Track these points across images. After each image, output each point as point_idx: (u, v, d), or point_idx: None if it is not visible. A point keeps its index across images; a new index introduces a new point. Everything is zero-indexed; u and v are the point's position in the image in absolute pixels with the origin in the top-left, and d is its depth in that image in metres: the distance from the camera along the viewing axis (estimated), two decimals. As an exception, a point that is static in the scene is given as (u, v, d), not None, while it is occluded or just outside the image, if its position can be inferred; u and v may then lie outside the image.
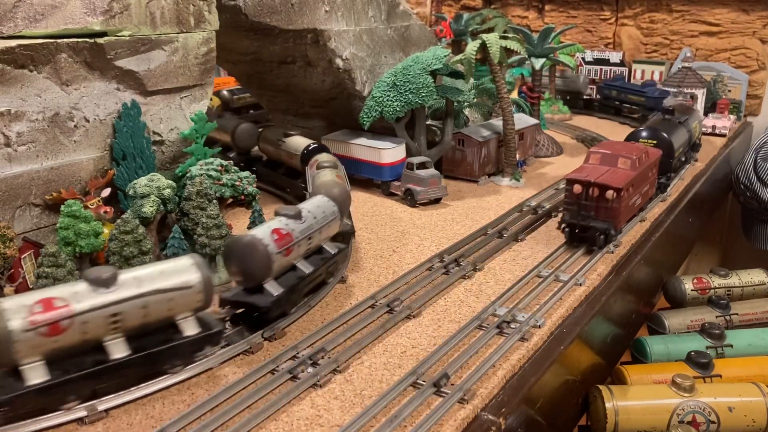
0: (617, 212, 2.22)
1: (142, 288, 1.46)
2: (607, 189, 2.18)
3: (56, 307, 1.36)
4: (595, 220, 2.22)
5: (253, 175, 2.33)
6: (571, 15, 5.21)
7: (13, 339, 1.30)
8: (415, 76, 2.82)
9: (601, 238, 2.23)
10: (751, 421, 2.10)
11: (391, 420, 1.37)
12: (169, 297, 1.50)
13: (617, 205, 2.20)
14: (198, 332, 1.55)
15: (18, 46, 1.82)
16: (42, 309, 1.34)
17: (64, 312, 1.36)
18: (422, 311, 1.89)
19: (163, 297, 1.49)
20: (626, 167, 2.33)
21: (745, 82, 4.57)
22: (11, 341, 1.30)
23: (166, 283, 1.50)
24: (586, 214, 2.22)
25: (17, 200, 1.89)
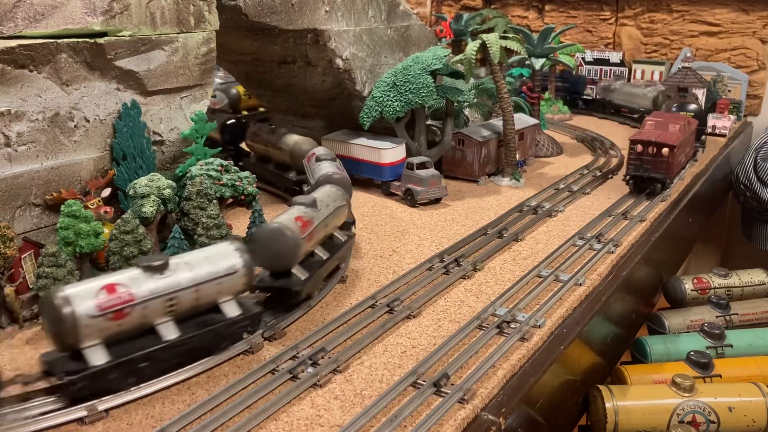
0: (671, 166, 2.79)
1: (195, 273, 1.54)
2: (664, 147, 2.75)
3: (120, 293, 1.43)
4: (653, 172, 2.79)
5: (254, 175, 2.34)
6: (571, 15, 5.21)
7: (81, 324, 1.37)
8: (415, 76, 2.82)
9: (658, 186, 2.82)
10: (751, 421, 2.10)
11: (391, 420, 1.37)
12: (218, 282, 1.58)
13: (671, 160, 2.77)
14: (240, 314, 1.62)
15: (18, 46, 1.82)
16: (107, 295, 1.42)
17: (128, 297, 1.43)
18: (422, 311, 1.89)
19: (214, 282, 1.57)
20: (676, 131, 2.91)
21: (745, 82, 4.57)
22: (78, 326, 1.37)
23: (215, 268, 1.58)
24: (646, 168, 2.79)
25: (17, 200, 1.89)
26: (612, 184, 3.14)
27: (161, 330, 1.50)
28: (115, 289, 1.42)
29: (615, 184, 3.12)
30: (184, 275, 1.52)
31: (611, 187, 3.08)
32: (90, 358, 1.40)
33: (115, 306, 1.41)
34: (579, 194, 2.96)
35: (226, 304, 1.62)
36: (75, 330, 1.37)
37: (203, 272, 1.56)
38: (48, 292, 1.42)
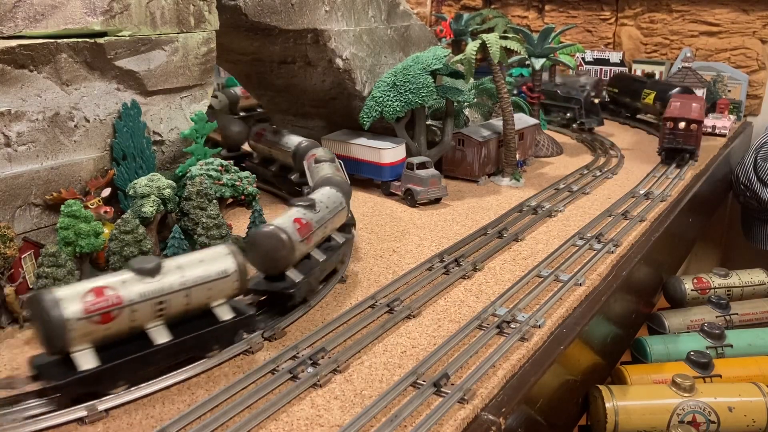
0: (698, 138, 3.33)
1: (186, 277, 1.53)
2: (693, 122, 3.28)
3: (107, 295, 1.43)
4: (684, 144, 3.32)
5: (254, 175, 2.33)
6: (571, 15, 5.21)
7: (68, 327, 1.37)
8: (415, 76, 2.82)
9: (687, 156, 3.34)
10: (751, 421, 2.10)
11: (391, 420, 1.37)
12: (210, 285, 1.57)
13: (699, 133, 3.31)
14: (232, 317, 1.62)
15: (18, 46, 1.82)
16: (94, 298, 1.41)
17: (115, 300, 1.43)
18: (422, 311, 1.89)
19: (205, 285, 1.56)
20: (698, 109, 3.37)
21: (745, 82, 4.57)
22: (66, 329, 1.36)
23: (207, 271, 1.57)
24: (678, 141, 3.32)
25: (17, 200, 1.89)
26: (613, 183, 3.14)
27: (152, 333, 1.50)
28: (102, 291, 1.41)
29: (616, 184, 3.12)
30: (175, 278, 1.51)
31: (611, 187, 3.08)
32: (79, 362, 1.39)
33: (102, 309, 1.40)
34: (579, 194, 2.96)
35: (219, 308, 1.61)
36: (62, 333, 1.36)
37: (194, 275, 1.55)
38: (35, 295, 1.40)
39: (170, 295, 1.50)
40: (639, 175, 3.24)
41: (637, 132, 4.20)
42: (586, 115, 4.10)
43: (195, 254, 1.62)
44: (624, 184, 3.12)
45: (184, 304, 1.54)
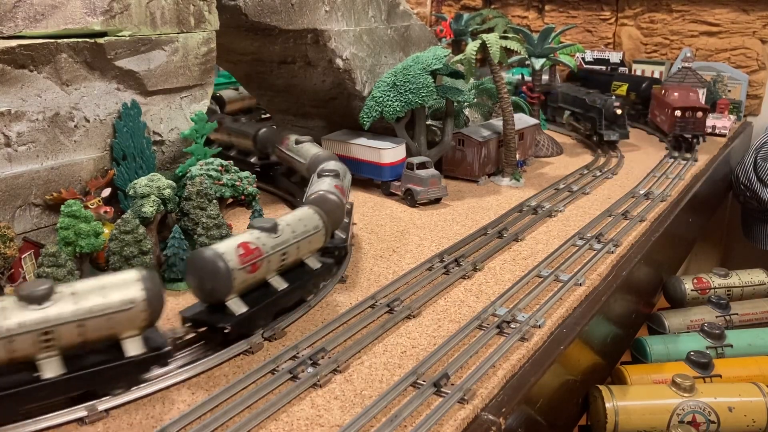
0: (704, 124, 3.72)
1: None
2: (699, 110, 3.66)
3: (252, 249, 1.60)
4: (694, 130, 3.66)
5: (254, 175, 2.33)
6: (571, 15, 5.21)
7: (233, 276, 1.53)
8: (415, 76, 2.82)
9: (695, 141, 3.66)
10: (751, 421, 2.10)
11: (391, 420, 1.37)
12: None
13: (704, 120, 3.71)
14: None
15: (18, 46, 1.82)
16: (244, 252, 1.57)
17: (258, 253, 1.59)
18: (422, 311, 1.89)
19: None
20: (697, 98, 3.80)
21: (745, 82, 4.57)
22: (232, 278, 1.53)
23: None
24: (689, 128, 3.66)
25: (17, 200, 1.89)
26: (613, 183, 3.14)
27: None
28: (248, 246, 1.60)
29: (616, 184, 3.12)
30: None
31: (611, 187, 3.08)
32: (233, 308, 1.59)
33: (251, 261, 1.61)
34: (579, 194, 2.96)
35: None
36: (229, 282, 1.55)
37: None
38: (198, 251, 1.58)
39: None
40: (639, 175, 3.24)
41: (637, 132, 4.20)
42: (606, 127, 3.73)
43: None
44: (624, 184, 3.12)
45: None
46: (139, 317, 1.44)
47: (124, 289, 1.42)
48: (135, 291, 1.43)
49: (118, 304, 1.40)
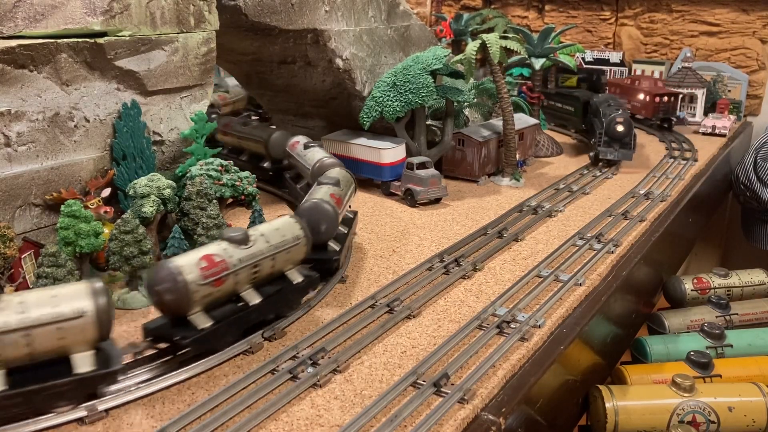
0: (675, 108, 4.19)
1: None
2: (672, 96, 4.13)
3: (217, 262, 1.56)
4: (671, 113, 4.14)
5: (254, 175, 2.33)
6: (571, 15, 5.21)
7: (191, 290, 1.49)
8: (415, 76, 2.82)
9: (672, 121, 4.13)
10: (751, 421, 2.10)
11: (391, 420, 1.37)
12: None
13: (675, 104, 4.18)
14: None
15: (18, 46, 1.82)
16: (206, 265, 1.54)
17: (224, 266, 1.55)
18: (422, 311, 1.89)
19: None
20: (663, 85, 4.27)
21: (745, 82, 4.57)
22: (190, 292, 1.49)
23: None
24: (667, 111, 4.12)
25: (17, 200, 1.89)
26: (613, 183, 3.14)
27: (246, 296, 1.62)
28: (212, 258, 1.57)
29: (616, 184, 3.12)
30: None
31: (611, 187, 3.08)
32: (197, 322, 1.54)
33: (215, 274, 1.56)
34: (579, 194, 2.96)
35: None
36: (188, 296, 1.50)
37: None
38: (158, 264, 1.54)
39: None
40: (639, 175, 3.24)
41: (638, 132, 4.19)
42: (605, 144, 3.36)
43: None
44: (624, 184, 3.12)
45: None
46: (87, 330, 1.37)
47: (71, 301, 1.37)
48: (84, 302, 1.37)
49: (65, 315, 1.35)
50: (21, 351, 1.35)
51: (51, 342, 1.37)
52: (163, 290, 1.51)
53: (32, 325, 1.34)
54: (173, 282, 1.50)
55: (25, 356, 1.34)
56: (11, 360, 1.33)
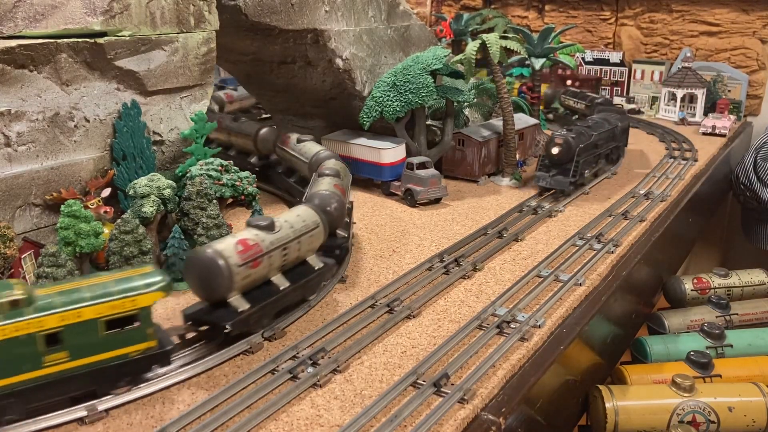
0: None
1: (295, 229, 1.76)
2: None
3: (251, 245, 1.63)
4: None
5: (254, 175, 2.33)
6: (571, 15, 5.21)
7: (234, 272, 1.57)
8: (415, 76, 2.82)
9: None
10: (751, 421, 2.10)
11: (391, 420, 1.37)
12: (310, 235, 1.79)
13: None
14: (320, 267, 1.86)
15: (18, 46, 1.82)
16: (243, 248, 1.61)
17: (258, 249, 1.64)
18: (422, 311, 1.89)
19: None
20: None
21: (745, 82, 4.57)
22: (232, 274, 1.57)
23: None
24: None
25: (17, 200, 1.89)
26: (613, 183, 3.14)
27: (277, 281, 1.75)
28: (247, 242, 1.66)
29: (616, 184, 3.12)
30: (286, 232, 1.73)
31: (611, 187, 3.08)
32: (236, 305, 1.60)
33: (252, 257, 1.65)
34: (579, 194, 2.96)
35: (311, 258, 1.84)
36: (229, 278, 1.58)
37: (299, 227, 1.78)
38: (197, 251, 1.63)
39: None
40: (639, 175, 3.24)
41: (637, 132, 4.20)
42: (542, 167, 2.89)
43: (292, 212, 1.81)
44: (624, 184, 3.12)
45: (296, 251, 1.77)
46: (321, 237, 1.85)
47: (312, 217, 1.83)
48: (317, 218, 1.85)
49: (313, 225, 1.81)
50: (294, 255, 1.79)
51: (307, 246, 1.84)
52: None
53: (301, 234, 1.79)
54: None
55: (294, 259, 1.74)
56: (290, 262, 1.73)
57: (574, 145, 2.82)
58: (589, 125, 3.10)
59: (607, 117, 3.33)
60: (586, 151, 2.91)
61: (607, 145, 3.21)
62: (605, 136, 3.16)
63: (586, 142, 2.91)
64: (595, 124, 3.16)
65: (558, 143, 2.81)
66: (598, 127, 3.13)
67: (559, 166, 2.84)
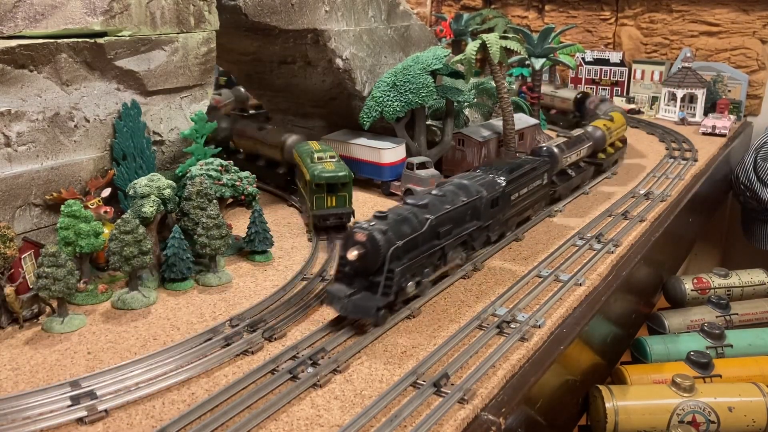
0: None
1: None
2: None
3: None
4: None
5: (254, 175, 2.33)
6: (571, 15, 5.21)
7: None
8: (415, 76, 2.82)
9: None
10: (751, 421, 2.10)
11: (391, 420, 1.37)
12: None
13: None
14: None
15: (18, 46, 1.82)
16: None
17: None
18: (422, 311, 1.88)
19: None
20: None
21: (745, 82, 4.57)
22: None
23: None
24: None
25: (17, 200, 1.89)
26: (613, 183, 3.15)
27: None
28: None
29: (616, 184, 3.12)
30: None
31: (611, 187, 3.08)
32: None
33: None
34: (579, 194, 2.96)
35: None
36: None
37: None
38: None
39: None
40: (639, 175, 3.24)
41: (637, 132, 4.21)
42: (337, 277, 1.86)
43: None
44: (624, 184, 3.12)
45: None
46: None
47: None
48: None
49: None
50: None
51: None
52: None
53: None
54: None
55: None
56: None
57: (384, 246, 1.73)
58: (424, 204, 1.92)
59: (465, 185, 2.13)
60: (411, 250, 1.81)
61: (459, 231, 2.01)
62: (453, 218, 1.98)
63: (410, 236, 1.80)
64: (437, 199, 1.98)
65: (358, 240, 1.75)
66: (440, 205, 1.96)
67: (364, 278, 1.78)
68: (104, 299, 1.90)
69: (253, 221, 2.20)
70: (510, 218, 2.36)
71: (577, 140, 2.98)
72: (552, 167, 2.67)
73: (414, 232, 1.83)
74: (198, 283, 2.02)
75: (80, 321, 1.77)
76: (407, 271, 1.79)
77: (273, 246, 2.24)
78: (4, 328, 1.76)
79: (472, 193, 2.11)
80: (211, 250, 1.99)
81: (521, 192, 2.39)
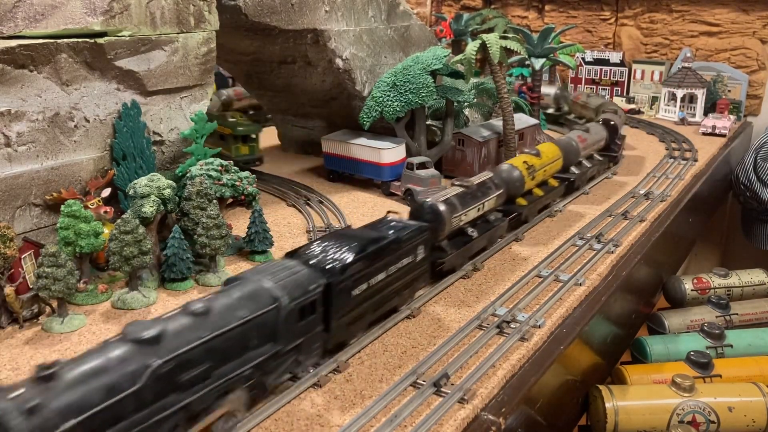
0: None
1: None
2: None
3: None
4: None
5: (254, 175, 2.33)
6: (571, 15, 5.21)
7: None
8: (415, 76, 2.82)
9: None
10: (751, 421, 2.10)
11: (391, 420, 1.37)
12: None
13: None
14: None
15: (18, 46, 1.82)
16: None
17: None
18: (422, 311, 1.89)
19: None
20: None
21: (745, 82, 4.58)
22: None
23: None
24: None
25: (17, 200, 1.89)
26: (613, 183, 3.14)
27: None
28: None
29: (616, 184, 3.12)
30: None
31: (611, 187, 3.08)
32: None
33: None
34: (579, 194, 2.96)
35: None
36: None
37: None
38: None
39: None
40: (639, 175, 3.24)
41: (637, 132, 4.21)
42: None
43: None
44: (624, 184, 3.12)
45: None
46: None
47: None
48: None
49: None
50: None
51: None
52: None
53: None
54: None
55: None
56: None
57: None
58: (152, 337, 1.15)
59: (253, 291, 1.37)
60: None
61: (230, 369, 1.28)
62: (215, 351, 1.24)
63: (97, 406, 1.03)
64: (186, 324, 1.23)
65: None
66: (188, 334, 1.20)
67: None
68: (104, 299, 1.90)
69: (253, 221, 2.20)
70: (355, 321, 1.61)
71: (479, 189, 2.22)
72: (436, 233, 1.97)
73: (109, 398, 1.03)
74: (198, 283, 2.03)
75: (80, 321, 1.77)
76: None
77: (273, 246, 2.24)
78: (4, 328, 1.76)
79: (261, 303, 1.34)
80: (211, 250, 1.99)
81: (376, 279, 1.64)
